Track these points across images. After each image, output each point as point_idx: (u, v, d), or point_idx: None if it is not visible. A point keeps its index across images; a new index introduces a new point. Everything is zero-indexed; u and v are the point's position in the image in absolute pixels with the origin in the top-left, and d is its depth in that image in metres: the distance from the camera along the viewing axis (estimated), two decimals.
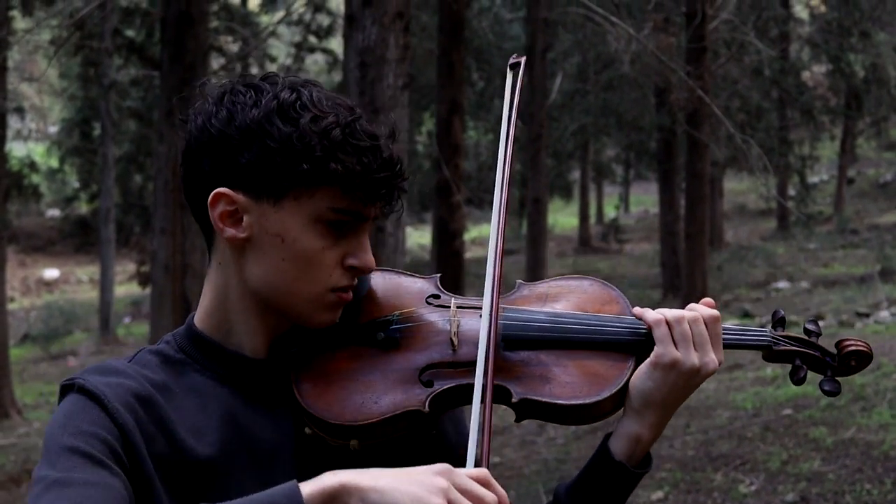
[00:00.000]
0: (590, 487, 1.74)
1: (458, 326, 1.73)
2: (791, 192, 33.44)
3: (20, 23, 19.52)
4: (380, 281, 1.82)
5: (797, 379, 1.78)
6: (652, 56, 13.16)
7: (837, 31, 24.41)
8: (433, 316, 1.76)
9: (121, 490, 1.47)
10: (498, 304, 1.70)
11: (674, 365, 1.68)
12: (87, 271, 37.76)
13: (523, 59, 1.91)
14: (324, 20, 24.19)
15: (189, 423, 1.63)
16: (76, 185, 37.72)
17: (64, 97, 34.47)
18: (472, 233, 36.37)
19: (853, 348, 1.77)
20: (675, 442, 9.45)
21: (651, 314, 1.73)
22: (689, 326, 1.70)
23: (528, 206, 18.51)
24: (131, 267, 32.56)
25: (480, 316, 1.70)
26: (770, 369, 12.31)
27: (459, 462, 1.64)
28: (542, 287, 1.86)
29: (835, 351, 1.79)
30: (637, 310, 1.76)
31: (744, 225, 37.68)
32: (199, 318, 1.74)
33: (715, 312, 1.73)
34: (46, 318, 26.13)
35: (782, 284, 21.86)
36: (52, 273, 37.79)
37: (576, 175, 38.63)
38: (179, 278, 11.32)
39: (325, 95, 1.65)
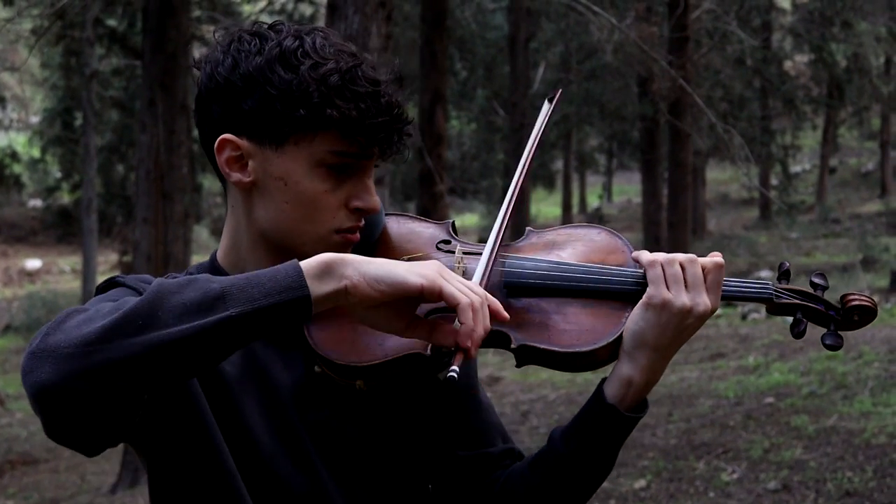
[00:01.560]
0: (583, 430, 1.76)
1: (462, 272, 1.77)
2: (773, 181, 33.51)
3: (1, 12, 19.42)
4: (393, 226, 1.89)
5: (797, 332, 1.77)
6: (634, 46, 13.17)
7: (819, 21, 24.44)
8: (441, 261, 1.77)
9: None
10: (498, 250, 1.77)
11: (664, 305, 1.69)
12: (69, 261, 37.60)
13: (559, 92, 2.00)
14: (306, 9, 24.15)
15: None
16: (58, 175, 37.46)
17: (45, 87, 34.26)
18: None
19: (857, 303, 1.77)
20: (657, 430, 9.48)
21: (646, 255, 1.76)
22: (683, 267, 1.72)
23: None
24: (113, 257, 32.46)
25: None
26: (752, 358, 12.35)
27: (466, 403, 1.86)
28: (550, 235, 1.89)
29: (839, 305, 1.79)
30: (636, 253, 1.80)
31: (726, 214, 37.78)
32: (220, 255, 1.84)
33: (717, 259, 1.73)
34: (28, 308, 25.99)
35: (764, 273, 21.92)
36: (34, 263, 37.63)
37: (558, 164, 38.61)
38: (162, 268, 11.27)
39: (329, 42, 1.70)
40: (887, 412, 9.07)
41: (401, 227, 1.90)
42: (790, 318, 1.80)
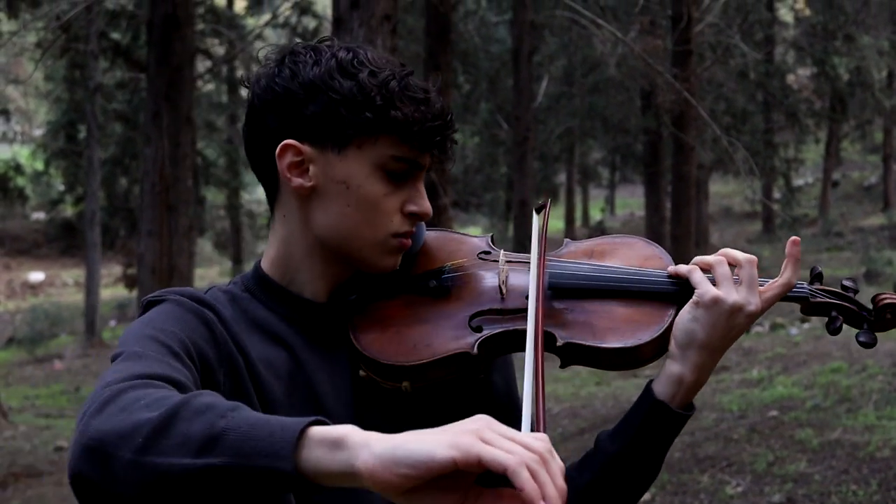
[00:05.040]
0: (632, 429, 1.78)
1: (506, 277, 1.81)
2: (776, 194, 33.50)
3: (6, 25, 19.49)
4: (433, 237, 1.92)
5: (833, 329, 1.82)
6: (638, 59, 13.18)
7: (822, 35, 24.48)
8: (483, 268, 1.86)
9: (189, 379, 1.51)
10: (545, 260, 1.80)
11: (715, 302, 1.73)
12: (72, 274, 37.64)
13: (549, 201, 2.03)
14: (310, 23, 24.19)
15: (258, 352, 1.72)
16: (61, 187, 37.59)
17: (49, 100, 34.35)
18: None
19: (888, 301, 1.82)
20: None
21: (684, 266, 1.80)
22: (727, 267, 1.76)
23: (514, 209, 18.52)
24: (117, 270, 32.49)
25: (528, 269, 1.80)
26: (756, 371, 12.34)
27: (507, 414, 1.75)
28: (587, 244, 1.94)
29: (871, 306, 1.84)
30: (671, 268, 1.82)
31: (729, 227, 37.78)
32: (265, 264, 1.84)
33: (751, 256, 1.77)
34: (32, 321, 26.01)
35: None
36: (37, 276, 37.68)
37: (562, 178, 38.63)
38: (166, 281, 11.28)
39: (377, 55, 1.76)
40: (891, 425, 9.05)
41: (441, 238, 1.94)
42: (825, 318, 1.85)
